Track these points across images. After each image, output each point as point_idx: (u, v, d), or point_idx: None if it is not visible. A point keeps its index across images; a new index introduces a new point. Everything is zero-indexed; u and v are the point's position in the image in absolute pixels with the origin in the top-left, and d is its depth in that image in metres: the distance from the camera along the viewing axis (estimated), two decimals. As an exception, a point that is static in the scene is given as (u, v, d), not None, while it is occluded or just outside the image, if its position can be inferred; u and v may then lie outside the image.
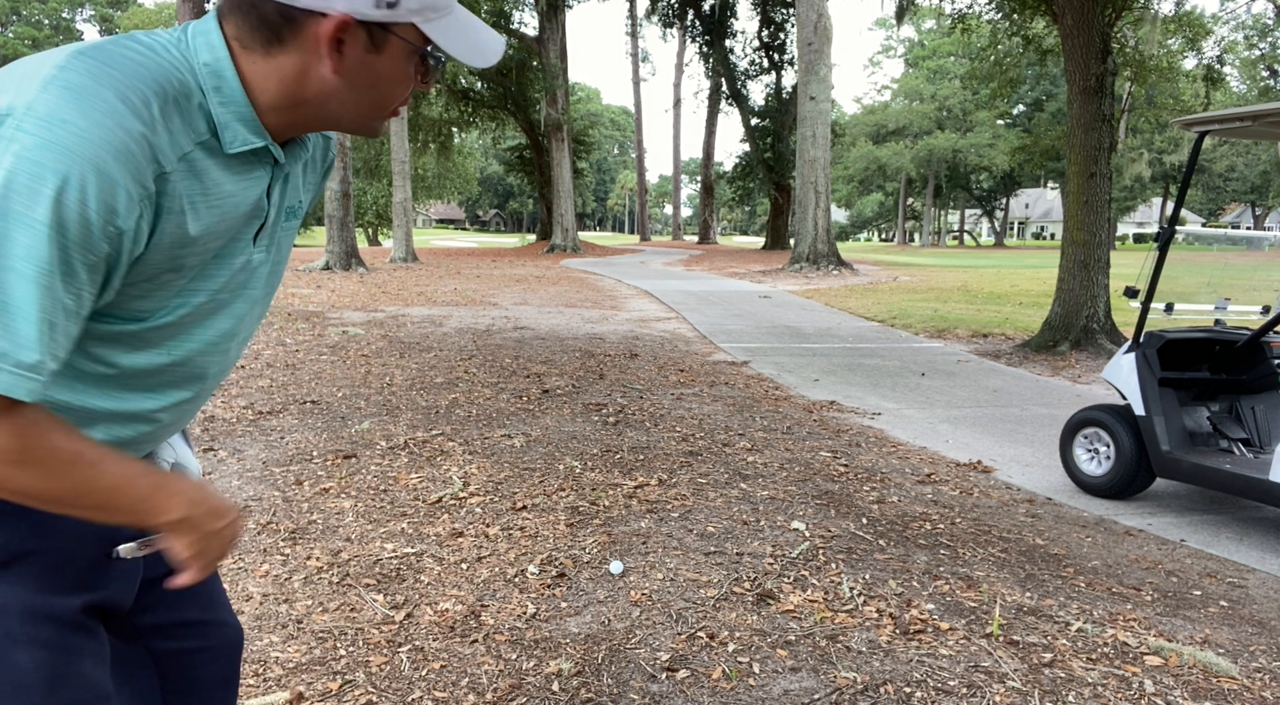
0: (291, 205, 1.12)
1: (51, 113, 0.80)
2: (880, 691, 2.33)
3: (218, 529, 1.01)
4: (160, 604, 1.17)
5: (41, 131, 0.79)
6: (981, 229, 75.77)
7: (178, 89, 0.89)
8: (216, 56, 0.92)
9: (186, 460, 1.20)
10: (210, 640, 1.25)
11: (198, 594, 1.23)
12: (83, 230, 0.81)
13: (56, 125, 0.80)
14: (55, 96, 0.81)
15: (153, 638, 1.17)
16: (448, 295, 13.75)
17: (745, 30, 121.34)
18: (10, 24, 62.13)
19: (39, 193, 0.79)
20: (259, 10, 0.91)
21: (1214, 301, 4.76)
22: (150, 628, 1.17)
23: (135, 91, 0.85)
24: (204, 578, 1.03)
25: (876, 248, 58.57)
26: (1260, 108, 3.82)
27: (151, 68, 0.88)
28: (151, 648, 1.17)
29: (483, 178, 76.68)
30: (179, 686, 1.21)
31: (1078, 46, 9.05)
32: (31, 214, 0.78)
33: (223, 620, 1.28)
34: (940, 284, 18.20)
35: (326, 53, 0.93)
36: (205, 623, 1.24)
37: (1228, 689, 2.43)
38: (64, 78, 0.82)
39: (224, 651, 1.28)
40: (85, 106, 0.81)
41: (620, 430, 5.19)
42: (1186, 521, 4.08)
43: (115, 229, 0.84)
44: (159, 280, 0.94)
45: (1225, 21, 30.38)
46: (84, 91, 0.82)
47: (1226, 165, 56.82)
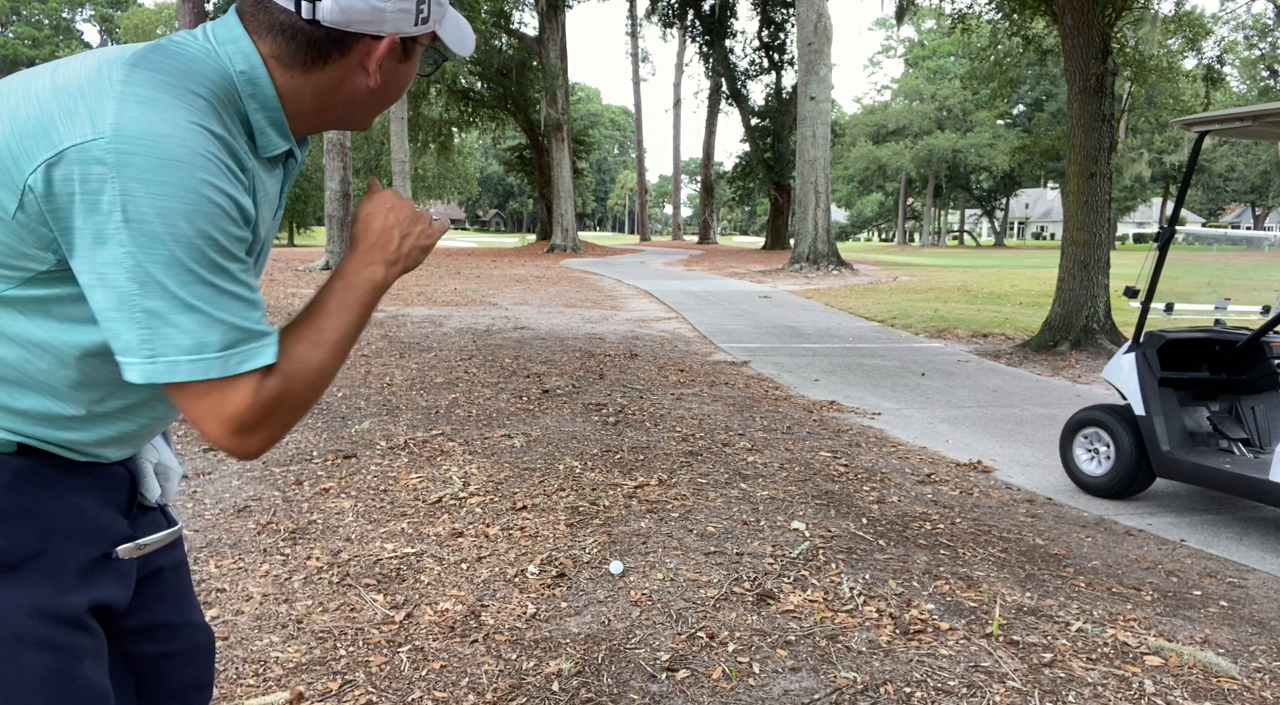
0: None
1: (144, 131, 0.82)
2: (880, 691, 2.33)
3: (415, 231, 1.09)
4: (144, 606, 1.16)
5: (146, 150, 0.82)
6: (981, 229, 75.78)
7: (225, 93, 0.93)
8: (252, 65, 0.95)
9: (168, 460, 1.20)
10: (184, 643, 1.24)
11: (170, 597, 1.22)
12: (222, 225, 0.86)
13: (156, 140, 0.82)
14: (137, 113, 0.83)
15: (130, 641, 1.16)
16: (448, 295, 13.75)
17: (745, 30, 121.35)
18: (10, 24, 62.13)
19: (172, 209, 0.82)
20: (307, 35, 0.95)
21: (1214, 301, 4.76)
22: (133, 630, 1.16)
23: (199, 95, 0.88)
24: None
25: (876, 248, 58.57)
26: (1260, 108, 3.82)
27: (201, 73, 0.91)
28: (128, 652, 1.16)
29: (483, 178, 76.75)
30: (154, 691, 1.20)
31: (1078, 46, 9.05)
32: (176, 229, 0.83)
33: (196, 623, 1.27)
34: (940, 284, 18.20)
35: (374, 70, 1.00)
36: (179, 626, 1.23)
37: (1228, 689, 2.43)
38: (134, 92, 0.84)
39: (198, 655, 1.27)
40: (169, 116, 0.84)
41: (620, 430, 5.19)
42: (1186, 521, 4.08)
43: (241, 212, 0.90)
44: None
45: (1225, 21, 30.38)
46: (159, 103, 0.84)
47: (1226, 165, 56.81)
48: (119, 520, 1.07)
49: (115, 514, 1.07)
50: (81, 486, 1.02)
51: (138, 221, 0.82)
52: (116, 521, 1.06)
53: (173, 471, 1.20)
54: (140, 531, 1.11)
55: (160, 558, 1.18)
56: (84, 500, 1.00)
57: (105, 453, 1.04)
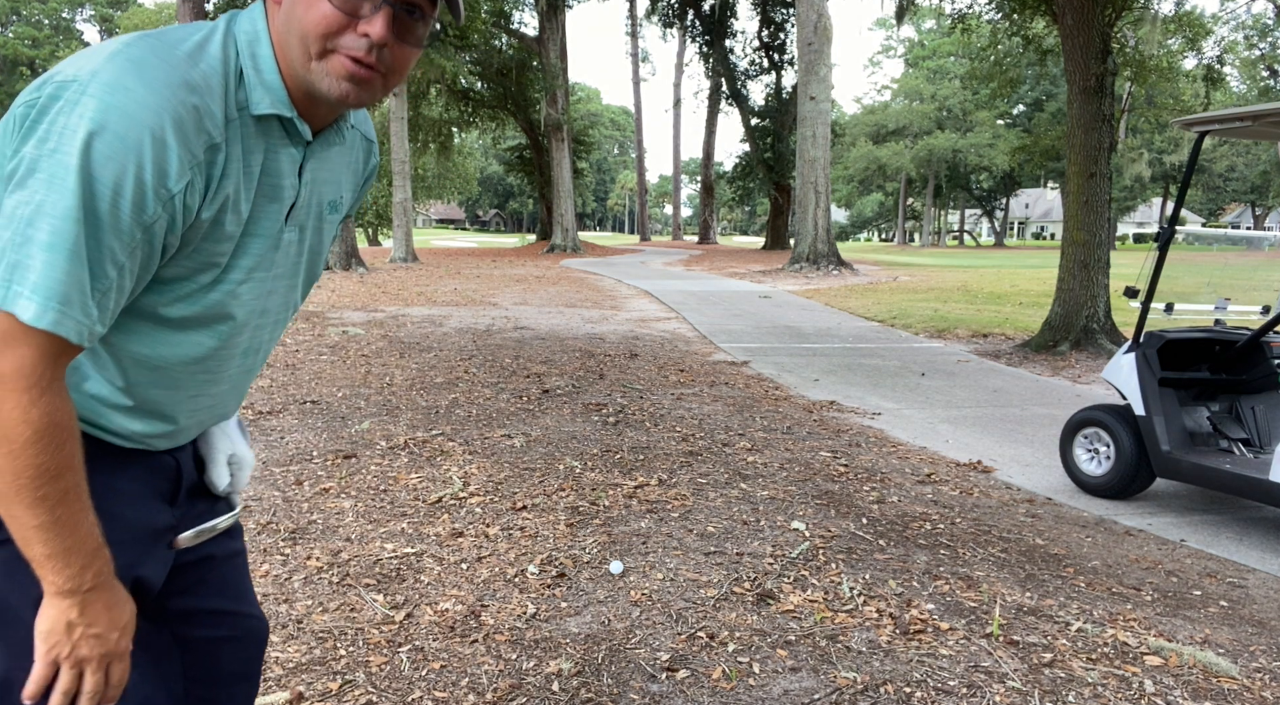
0: (333, 200, 1.17)
1: (114, 80, 0.87)
2: (880, 691, 2.33)
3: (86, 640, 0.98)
4: (191, 590, 1.20)
5: (104, 95, 0.86)
6: (981, 229, 75.77)
7: (225, 68, 0.96)
8: (254, 23, 1.00)
9: (243, 452, 1.25)
10: (236, 631, 1.27)
11: (228, 584, 1.26)
12: (136, 189, 0.88)
13: (119, 91, 0.87)
14: (119, 66, 0.88)
15: (181, 623, 1.20)
16: (448, 295, 13.75)
17: (745, 30, 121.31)
18: (10, 24, 62.11)
19: (101, 154, 0.85)
20: None
21: (1214, 301, 4.76)
22: (179, 613, 1.20)
23: (194, 68, 0.92)
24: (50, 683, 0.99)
25: (876, 248, 58.57)
26: (1260, 108, 3.82)
27: (207, 48, 0.96)
28: (178, 634, 1.20)
29: (483, 178, 76.70)
30: (201, 675, 1.23)
31: (1078, 46, 9.04)
32: (88, 169, 0.85)
33: (248, 612, 1.30)
34: (940, 284, 18.20)
35: None
36: (233, 613, 1.27)
37: (1228, 689, 2.43)
38: (128, 52, 0.90)
39: (248, 644, 1.30)
40: (146, 76, 0.88)
41: (620, 430, 5.19)
42: (1186, 521, 4.08)
43: (166, 191, 0.90)
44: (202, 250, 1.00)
45: (1225, 21, 30.34)
46: (145, 64, 0.89)
47: (1226, 165, 56.81)
48: (163, 507, 1.13)
49: (159, 501, 1.12)
50: (127, 473, 1.07)
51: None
52: (160, 508, 1.12)
53: (245, 462, 1.24)
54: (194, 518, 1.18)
55: (212, 546, 1.22)
56: (128, 486, 1.04)
57: (155, 442, 1.10)
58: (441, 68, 21.20)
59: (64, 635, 0.97)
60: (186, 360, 1.06)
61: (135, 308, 0.99)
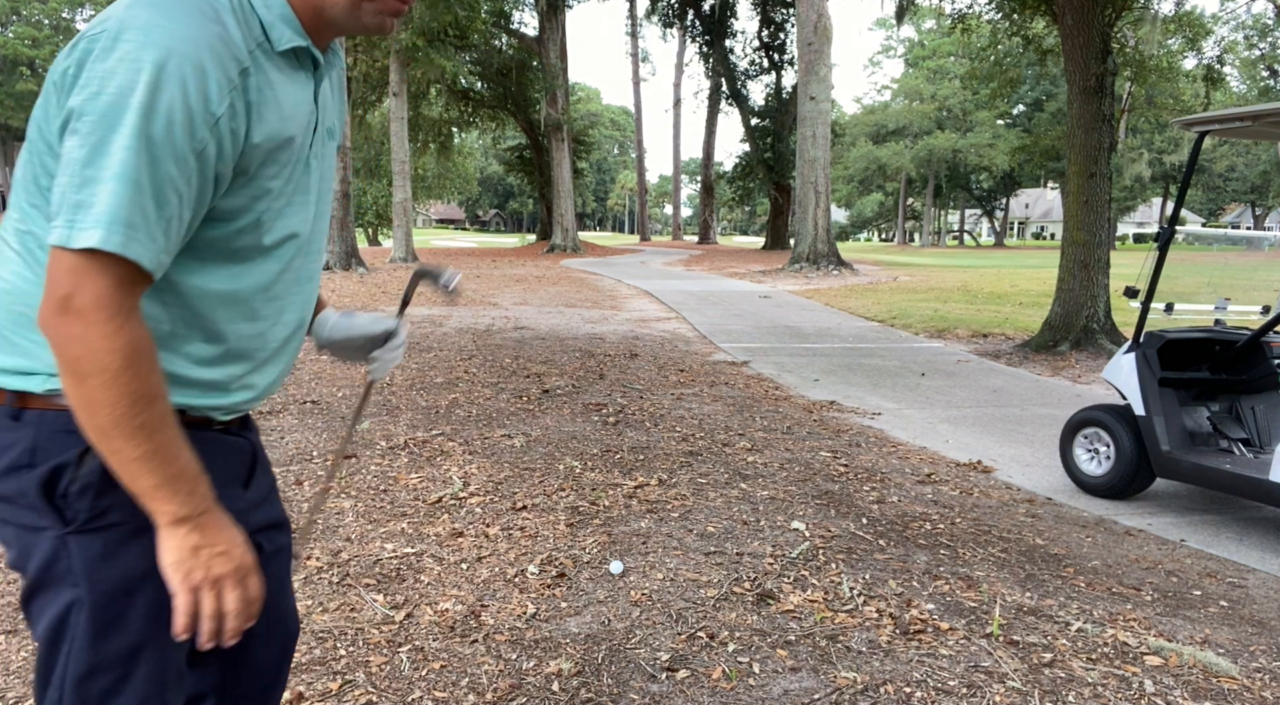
0: (330, 126, 1.21)
1: (144, 20, 0.92)
2: (880, 691, 2.33)
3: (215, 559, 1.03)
4: None
5: (137, 36, 0.91)
6: (981, 229, 75.77)
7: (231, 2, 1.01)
8: None
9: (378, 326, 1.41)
10: (270, 626, 1.29)
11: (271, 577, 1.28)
12: (185, 116, 0.93)
13: (150, 29, 0.92)
14: (143, 10, 0.93)
15: None
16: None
17: (745, 30, 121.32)
18: (10, 24, 62.11)
19: (145, 85, 0.90)
20: None
21: (1214, 301, 4.76)
22: None
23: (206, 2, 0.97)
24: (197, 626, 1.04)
25: (876, 248, 58.57)
26: (1260, 108, 3.82)
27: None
28: None
29: (483, 178, 76.70)
30: (235, 664, 1.28)
31: (1078, 46, 9.04)
32: (137, 102, 0.90)
33: (285, 609, 1.35)
34: (940, 284, 18.20)
35: None
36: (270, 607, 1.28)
37: (1228, 689, 2.43)
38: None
39: (280, 639, 1.35)
40: (170, 12, 0.93)
41: (620, 430, 5.19)
42: (1186, 521, 4.08)
43: (211, 115, 0.95)
44: (257, 177, 1.05)
45: (1225, 21, 30.36)
46: (165, 3, 0.94)
47: (1226, 165, 56.82)
48: (240, 491, 1.20)
49: (237, 485, 1.19)
50: (212, 451, 1.11)
51: None
52: (237, 492, 1.19)
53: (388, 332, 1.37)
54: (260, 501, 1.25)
55: (261, 537, 1.26)
56: (210, 467, 1.07)
57: (239, 397, 1.16)
58: (441, 68, 21.19)
59: (193, 560, 1.01)
60: (259, 288, 1.11)
61: (206, 244, 1.04)
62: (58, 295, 0.92)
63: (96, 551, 1.04)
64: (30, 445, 1.02)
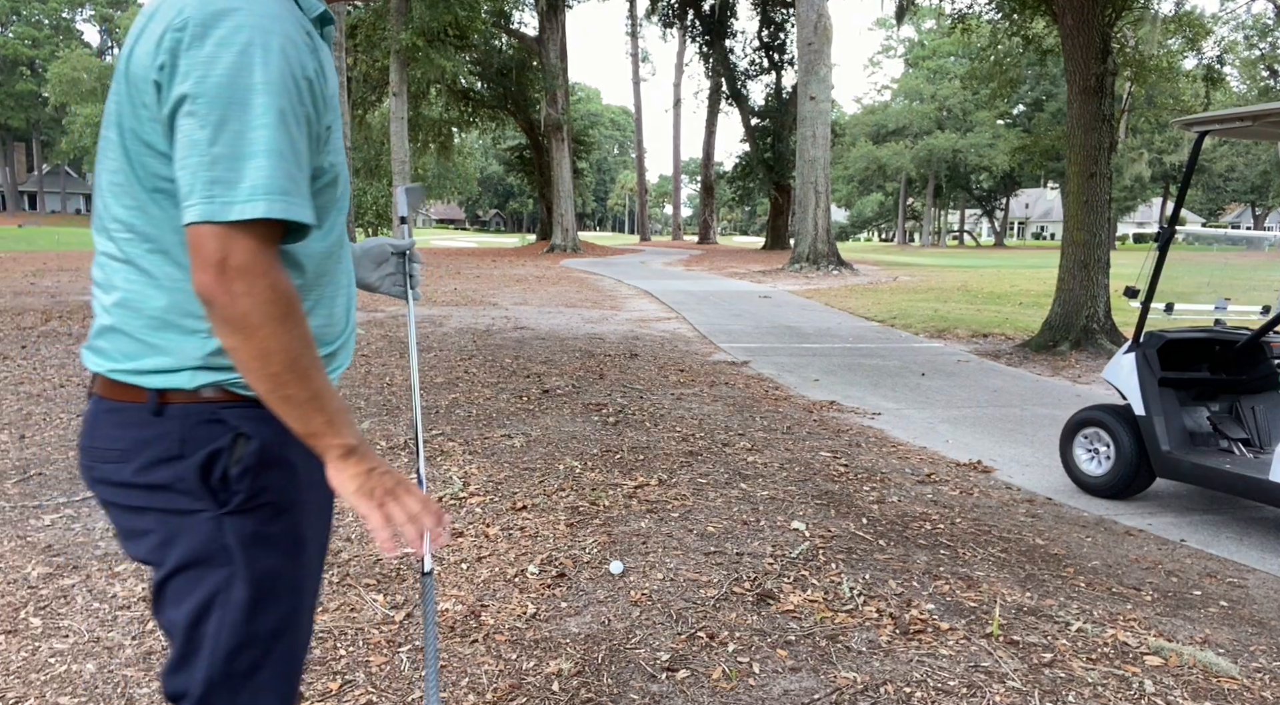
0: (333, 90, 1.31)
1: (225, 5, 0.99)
2: (880, 691, 2.33)
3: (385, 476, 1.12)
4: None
5: (230, 20, 0.98)
6: (981, 229, 75.76)
7: None
8: None
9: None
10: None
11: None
12: (295, 85, 1.02)
13: (237, 11, 0.99)
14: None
15: None
16: (448, 295, 13.75)
17: (745, 30, 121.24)
18: (10, 24, 62.06)
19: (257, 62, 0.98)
20: None
21: (1214, 301, 4.76)
22: None
23: None
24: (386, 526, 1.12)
25: (876, 248, 58.56)
26: (1260, 108, 3.82)
27: None
28: None
29: (483, 178, 76.70)
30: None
31: (1078, 46, 9.04)
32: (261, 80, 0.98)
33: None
34: (940, 284, 18.20)
35: None
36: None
37: (1228, 689, 2.43)
38: None
39: None
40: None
41: (620, 430, 5.19)
42: (1186, 521, 4.08)
43: (308, 80, 1.05)
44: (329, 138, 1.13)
45: (1225, 21, 30.37)
46: None
47: (1226, 165, 56.80)
48: None
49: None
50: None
51: None
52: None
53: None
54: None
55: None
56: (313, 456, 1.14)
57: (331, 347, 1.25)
58: (441, 68, 21.20)
59: (373, 480, 1.10)
60: (332, 245, 1.19)
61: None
62: (212, 261, 0.97)
63: (250, 530, 1.12)
64: (179, 437, 1.09)
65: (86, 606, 2.70)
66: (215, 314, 1.00)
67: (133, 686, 2.26)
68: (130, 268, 1.09)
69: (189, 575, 1.12)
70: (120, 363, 1.11)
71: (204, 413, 1.10)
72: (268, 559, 1.14)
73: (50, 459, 4.26)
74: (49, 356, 7.04)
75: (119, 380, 1.11)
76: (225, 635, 1.13)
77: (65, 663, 2.37)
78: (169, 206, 1.06)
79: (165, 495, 1.10)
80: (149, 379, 1.10)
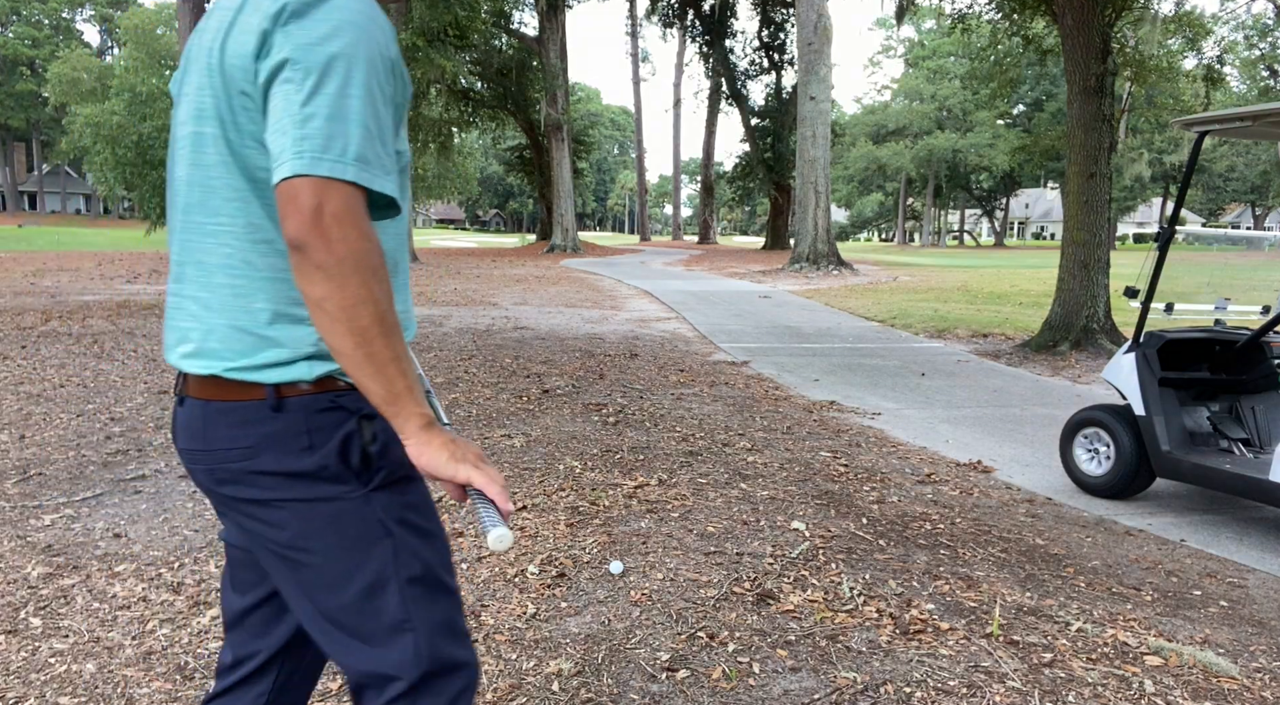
0: None
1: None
2: (880, 691, 2.33)
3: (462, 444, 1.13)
4: None
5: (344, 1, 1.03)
6: (981, 229, 75.75)
7: None
8: None
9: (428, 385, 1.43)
10: None
11: None
12: (386, 65, 1.06)
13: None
14: None
15: None
16: (448, 295, 13.75)
17: (745, 30, 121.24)
18: (10, 24, 62.06)
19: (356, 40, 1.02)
20: None
21: (1214, 301, 4.76)
22: None
23: None
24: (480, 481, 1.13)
25: (876, 248, 58.56)
26: (1260, 108, 3.82)
27: None
28: None
29: (483, 178, 76.62)
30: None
31: (1078, 46, 9.04)
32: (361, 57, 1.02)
33: None
34: (940, 284, 18.20)
35: None
36: None
37: (1228, 689, 2.43)
38: None
39: None
40: None
41: (620, 430, 5.19)
42: (1186, 521, 4.08)
43: (394, 61, 1.08)
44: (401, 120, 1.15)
45: (1225, 21, 30.36)
46: None
47: (1226, 165, 56.79)
48: None
49: None
50: None
51: None
52: None
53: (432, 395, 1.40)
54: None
55: None
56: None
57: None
58: (441, 68, 21.18)
59: (455, 452, 1.10)
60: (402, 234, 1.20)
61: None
62: (308, 207, 0.97)
63: (398, 502, 1.17)
64: (304, 427, 1.10)
65: (86, 606, 2.70)
66: (308, 260, 0.98)
67: (133, 686, 2.26)
68: (234, 262, 1.10)
69: (350, 557, 1.14)
70: (234, 361, 1.11)
71: (320, 402, 1.11)
72: (422, 524, 1.19)
73: (50, 459, 4.26)
74: (49, 356, 7.04)
75: (235, 379, 1.11)
76: (414, 601, 1.16)
77: (65, 663, 2.36)
78: (270, 196, 1.08)
79: (305, 484, 1.12)
80: (265, 374, 1.10)
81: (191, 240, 1.13)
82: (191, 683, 2.28)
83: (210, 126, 1.08)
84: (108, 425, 4.93)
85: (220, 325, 1.11)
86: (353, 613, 1.16)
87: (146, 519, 3.48)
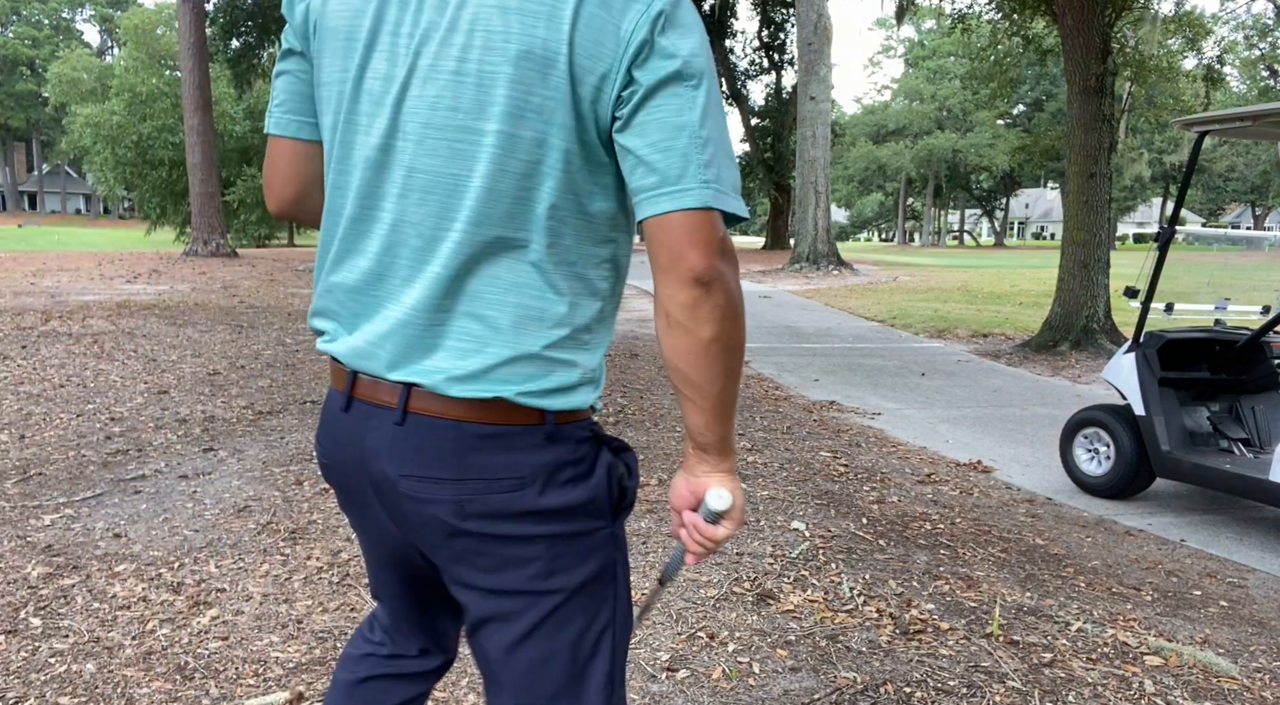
0: None
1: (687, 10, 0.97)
2: (880, 691, 2.33)
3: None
4: None
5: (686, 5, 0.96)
6: (981, 229, 75.78)
7: None
8: None
9: None
10: None
11: None
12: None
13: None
14: None
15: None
16: (448, 295, 13.71)
17: (745, 30, 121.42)
18: (10, 24, 62.11)
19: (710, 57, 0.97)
20: None
21: (1214, 301, 4.76)
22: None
23: None
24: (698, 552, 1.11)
25: (876, 248, 58.57)
26: (1260, 108, 3.82)
27: None
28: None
29: (483, 178, 76.45)
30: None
31: (1078, 46, 9.04)
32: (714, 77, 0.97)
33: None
34: (940, 284, 18.21)
35: None
36: None
37: (1228, 689, 2.43)
38: None
39: None
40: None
41: (620, 430, 5.19)
42: (1186, 521, 4.08)
43: None
44: None
45: (1225, 21, 30.38)
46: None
47: (1226, 165, 56.80)
48: None
49: None
50: None
51: None
52: None
53: None
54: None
55: None
56: None
57: None
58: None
59: (743, 500, 1.07)
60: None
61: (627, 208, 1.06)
62: (716, 240, 0.93)
63: (621, 535, 1.12)
64: (574, 456, 1.04)
65: (86, 606, 2.70)
66: (708, 299, 0.93)
67: (133, 686, 2.26)
68: (536, 282, 0.99)
69: (586, 596, 1.07)
70: (521, 385, 1.00)
71: (582, 429, 1.05)
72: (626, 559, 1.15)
73: (50, 459, 4.26)
74: (49, 356, 7.04)
75: (521, 403, 1.00)
76: (620, 653, 1.12)
77: (65, 663, 2.36)
78: (583, 211, 1.00)
79: (569, 520, 1.04)
80: (550, 400, 1.01)
81: (480, 254, 0.98)
82: (191, 683, 2.28)
83: (544, 131, 0.94)
84: (108, 425, 4.93)
85: (508, 347, 1.00)
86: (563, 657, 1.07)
87: (146, 519, 3.48)
